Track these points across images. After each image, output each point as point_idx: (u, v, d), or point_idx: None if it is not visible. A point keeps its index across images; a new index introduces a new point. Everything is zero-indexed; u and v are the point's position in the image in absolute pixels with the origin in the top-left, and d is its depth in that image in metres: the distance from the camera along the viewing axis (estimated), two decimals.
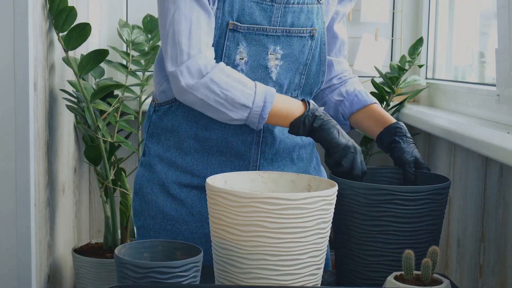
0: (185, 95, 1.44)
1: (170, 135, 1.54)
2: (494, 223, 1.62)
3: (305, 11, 1.51)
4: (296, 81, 1.54)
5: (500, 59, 1.61)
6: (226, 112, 1.42)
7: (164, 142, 1.54)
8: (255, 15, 1.47)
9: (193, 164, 1.52)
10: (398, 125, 1.55)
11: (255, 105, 1.42)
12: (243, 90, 1.42)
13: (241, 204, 1.20)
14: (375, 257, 1.35)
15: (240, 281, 1.24)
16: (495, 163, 1.62)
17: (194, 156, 1.53)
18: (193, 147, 1.52)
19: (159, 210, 1.53)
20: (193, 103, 1.44)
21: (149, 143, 1.57)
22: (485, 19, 2.29)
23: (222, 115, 1.44)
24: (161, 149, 1.54)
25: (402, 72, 2.40)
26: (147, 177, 1.55)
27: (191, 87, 1.42)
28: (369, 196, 1.32)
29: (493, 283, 1.61)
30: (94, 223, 2.69)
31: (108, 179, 2.32)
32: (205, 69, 1.41)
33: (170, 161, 1.53)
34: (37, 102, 1.93)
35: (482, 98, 1.92)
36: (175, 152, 1.53)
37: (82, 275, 2.32)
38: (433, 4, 2.52)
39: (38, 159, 1.94)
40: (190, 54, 1.42)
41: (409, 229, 1.33)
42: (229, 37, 1.46)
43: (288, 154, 1.58)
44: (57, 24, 2.05)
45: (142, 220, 1.55)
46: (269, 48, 1.49)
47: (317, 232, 1.24)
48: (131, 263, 1.16)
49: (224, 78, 1.41)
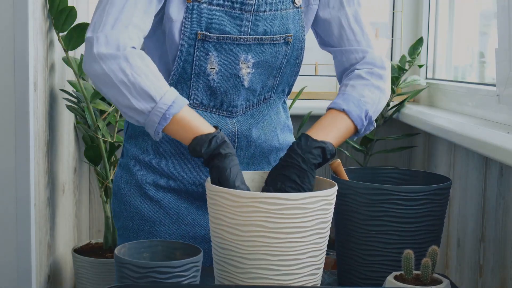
0: (92, 65, 1.32)
1: (147, 138, 1.52)
2: (494, 223, 1.62)
3: (278, 17, 1.46)
4: (269, 83, 1.51)
5: (500, 59, 1.61)
6: (129, 97, 1.30)
7: (141, 145, 1.53)
8: (224, 24, 1.42)
9: (169, 168, 1.51)
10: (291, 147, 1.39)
11: (162, 101, 1.30)
12: (154, 82, 1.31)
13: (241, 204, 1.20)
14: (375, 257, 1.35)
15: (240, 281, 1.24)
16: (495, 163, 1.62)
17: (170, 159, 1.51)
18: (169, 151, 1.51)
19: (137, 212, 1.52)
20: (98, 76, 1.32)
21: (127, 145, 1.56)
22: (485, 19, 2.29)
23: (123, 100, 1.31)
24: (138, 151, 1.53)
25: (402, 72, 2.40)
26: (125, 178, 1.54)
27: (101, 55, 1.31)
28: (369, 196, 1.32)
29: (493, 283, 1.61)
30: (94, 223, 2.69)
31: (108, 179, 2.32)
32: (124, 47, 1.32)
33: (147, 164, 1.52)
34: (37, 102, 1.93)
35: (482, 98, 1.92)
36: (152, 155, 1.52)
37: (82, 275, 2.32)
38: (433, 4, 2.52)
39: (38, 159, 1.94)
40: (114, 27, 1.33)
41: (409, 229, 1.33)
42: (198, 47, 1.42)
43: (265, 158, 1.55)
44: (57, 24, 2.05)
45: (122, 221, 1.54)
46: (240, 57, 1.45)
47: (317, 232, 1.24)
48: (131, 263, 1.16)
49: (139, 63, 1.32)
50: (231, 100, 1.48)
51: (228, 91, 1.47)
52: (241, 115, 1.50)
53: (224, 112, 1.49)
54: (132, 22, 1.35)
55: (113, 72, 1.30)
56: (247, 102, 1.50)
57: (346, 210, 1.37)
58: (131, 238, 1.52)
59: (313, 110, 2.45)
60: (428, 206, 1.33)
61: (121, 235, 1.55)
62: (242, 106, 1.50)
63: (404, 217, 1.33)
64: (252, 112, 1.52)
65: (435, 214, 1.35)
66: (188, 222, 1.50)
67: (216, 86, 1.46)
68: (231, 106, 1.49)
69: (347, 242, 1.38)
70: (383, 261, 1.35)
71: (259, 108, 1.52)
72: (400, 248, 1.30)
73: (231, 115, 1.49)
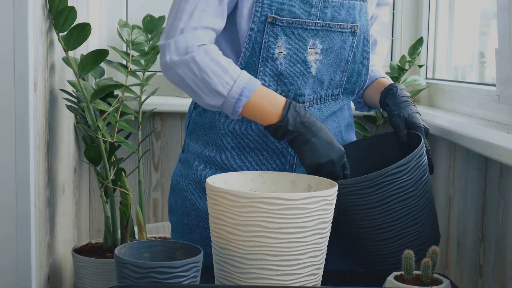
0: (168, 71, 1.42)
1: (209, 132, 1.54)
2: (494, 223, 1.62)
3: (346, 6, 1.50)
4: (337, 78, 1.53)
5: (500, 59, 1.61)
6: (201, 95, 1.41)
7: (202, 139, 1.55)
8: (294, 9, 1.46)
9: (230, 162, 1.53)
10: (390, 87, 1.55)
11: (230, 96, 1.40)
12: (222, 76, 1.39)
13: (241, 204, 1.20)
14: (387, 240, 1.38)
15: (240, 281, 1.24)
16: (495, 163, 1.62)
17: (231, 153, 1.53)
18: (230, 144, 1.53)
19: (194, 207, 1.53)
20: (174, 80, 1.43)
21: (189, 140, 1.59)
22: (485, 19, 2.29)
23: (198, 98, 1.42)
24: (199, 146, 1.55)
25: (402, 72, 2.39)
26: (184, 173, 1.56)
27: (174, 62, 1.40)
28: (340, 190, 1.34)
29: (493, 283, 1.61)
30: (94, 223, 2.69)
31: (108, 179, 2.32)
32: (192, 47, 1.40)
33: (207, 158, 1.54)
34: (37, 102, 1.93)
35: (482, 98, 1.92)
36: (213, 149, 1.54)
37: (82, 275, 2.32)
38: (433, 4, 2.52)
39: (38, 159, 1.94)
40: (184, 31, 1.40)
41: (386, 210, 1.36)
42: (267, 30, 1.45)
43: None
44: (57, 24, 2.05)
45: (177, 216, 1.56)
46: (308, 42, 1.48)
47: (317, 232, 1.24)
48: (131, 263, 1.16)
49: (206, 60, 1.40)
50: (298, 87, 1.50)
51: (295, 76, 1.49)
52: (308, 107, 1.51)
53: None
54: (201, 24, 1.41)
55: (185, 75, 1.40)
56: (314, 94, 1.52)
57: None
58: (185, 233, 1.53)
59: None
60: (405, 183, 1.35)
61: (175, 229, 1.57)
62: (309, 96, 1.51)
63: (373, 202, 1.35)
64: (320, 106, 1.53)
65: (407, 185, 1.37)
66: None
67: (284, 70, 1.48)
68: (298, 95, 1.50)
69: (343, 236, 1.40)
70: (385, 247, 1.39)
71: (327, 104, 1.54)
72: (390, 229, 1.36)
73: None
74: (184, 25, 1.41)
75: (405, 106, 1.50)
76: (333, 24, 1.49)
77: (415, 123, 1.49)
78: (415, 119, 1.49)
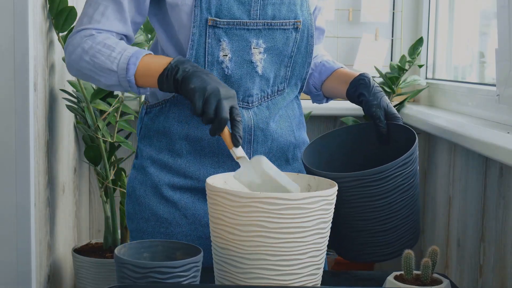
0: (70, 70, 1.49)
1: (162, 137, 1.52)
2: (494, 223, 1.62)
3: (286, 3, 1.49)
4: (281, 73, 1.53)
5: (500, 59, 1.61)
6: (98, 78, 1.43)
7: (156, 144, 1.53)
8: (233, 10, 1.45)
9: (185, 166, 1.51)
10: (361, 77, 1.54)
11: (120, 68, 1.41)
12: (109, 54, 1.42)
13: (241, 204, 1.20)
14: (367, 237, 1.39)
15: (240, 281, 1.24)
16: (495, 163, 1.62)
17: (186, 157, 1.51)
18: (185, 149, 1.51)
19: (152, 213, 1.51)
20: (77, 75, 1.49)
21: (141, 146, 1.56)
22: (485, 19, 2.29)
23: (97, 82, 1.45)
24: (153, 151, 1.53)
25: (402, 72, 2.40)
26: (140, 179, 1.54)
27: (71, 60, 1.46)
28: (340, 184, 1.34)
29: (493, 283, 1.61)
30: (94, 223, 2.69)
31: (108, 179, 2.32)
32: (80, 41, 1.44)
33: (162, 163, 1.52)
34: (37, 102, 1.93)
35: (482, 98, 1.92)
36: (167, 154, 1.52)
37: (82, 275, 2.32)
38: (433, 4, 2.52)
39: (38, 159, 1.94)
40: (80, 32, 1.46)
41: (382, 204, 1.36)
42: (209, 34, 1.44)
43: (283, 154, 1.56)
44: (57, 24, 2.05)
45: (136, 223, 1.54)
46: (251, 42, 1.47)
47: (317, 232, 1.24)
48: (131, 263, 1.16)
49: (93, 45, 1.43)
50: (246, 88, 1.49)
51: (242, 78, 1.48)
52: (257, 106, 1.51)
53: (240, 102, 1.49)
54: (98, 27, 1.45)
55: (81, 68, 1.45)
56: (262, 92, 1.51)
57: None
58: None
59: (313, 110, 2.45)
60: (398, 177, 1.35)
61: (134, 237, 1.54)
62: (258, 96, 1.51)
63: (375, 195, 1.35)
64: (268, 103, 1.52)
65: (407, 181, 1.38)
66: (205, 223, 1.50)
67: (231, 73, 1.47)
68: (247, 96, 1.50)
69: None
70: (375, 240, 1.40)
71: (274, 100, 1.53)
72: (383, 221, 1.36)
73: (247, 106, 1.50)
74: (83, 28, 1.45)
75: (381, 96, 1.50)
76: (274, 22, 1.48)
77: (393, 113, 1.49)
78: (393, 110, 1.51)
